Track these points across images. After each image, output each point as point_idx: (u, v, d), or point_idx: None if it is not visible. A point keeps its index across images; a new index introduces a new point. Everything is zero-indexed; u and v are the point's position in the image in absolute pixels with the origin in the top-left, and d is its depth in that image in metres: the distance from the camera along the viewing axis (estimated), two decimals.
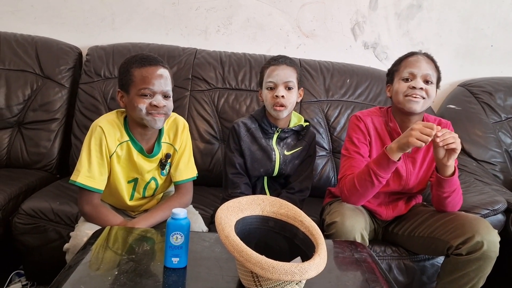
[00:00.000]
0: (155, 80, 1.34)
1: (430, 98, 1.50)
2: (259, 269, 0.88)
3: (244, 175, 1.65)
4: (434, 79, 1.51)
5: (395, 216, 1.62)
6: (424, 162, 1.57)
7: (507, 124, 2.20)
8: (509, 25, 2.39)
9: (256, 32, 2.33)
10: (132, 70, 1.36)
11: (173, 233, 1.02)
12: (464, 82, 2.38)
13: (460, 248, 1.39)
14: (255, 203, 1.09)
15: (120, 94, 1.41)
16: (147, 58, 1.38)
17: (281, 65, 1.60)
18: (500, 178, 2.08)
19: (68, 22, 2.28)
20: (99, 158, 1.37)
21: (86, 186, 1.36)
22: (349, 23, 2.35)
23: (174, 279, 0.99)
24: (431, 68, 1.51)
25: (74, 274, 0.98)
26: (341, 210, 1.46)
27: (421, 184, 1.59)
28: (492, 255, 1.37)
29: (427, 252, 1.59)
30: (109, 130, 1.38)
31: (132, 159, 1.43)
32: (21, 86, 2.05)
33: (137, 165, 1.44)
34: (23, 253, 1.69)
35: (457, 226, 1.43)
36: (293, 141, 1.70)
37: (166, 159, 1.49)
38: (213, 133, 2.08)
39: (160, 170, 1.50)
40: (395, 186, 1.56)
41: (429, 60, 1.53)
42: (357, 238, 1.39)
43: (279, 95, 1.57)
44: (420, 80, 1.49)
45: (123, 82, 1.38)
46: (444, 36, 2.39)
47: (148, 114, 1.35)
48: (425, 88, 1.48)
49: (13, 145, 2.02)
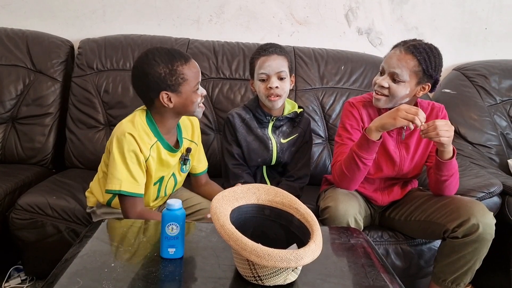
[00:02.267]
0: (199, 72, 1.40)
1: (395, 97, 1.45)
2: (254, 257, 0.88)
3: (245, 165, 1.66)
4: (405, 76, 1.43)
5: (390, 201, 1.63)
6: (418, 148, 1.56)
7: (502, 107, 2.20)
8: (504, 8, 2.38)
9: (249, 21, 2.31)
10: (180, 69, 1.33)
11: (169, 224, 1.02)
12: (459, 66, 2.37)
13: (456, 231, 1.40)
14: (250, 192, 1.09)
15: (166, 96, 1.34)
16: (181, 53, 1.38)
17: (272, 55, 1.58)
18: (496, 161, 2.08)
19: (59, 15, 2.25)
20: (136, 164, 1.35)
21: (132, 193, 1.34)
22: (343, 9, 2.33)
23: (171, 270, 0.99)
24: (402, 65, 1.42)
25: (71, 267, 0.98)
26: (335, 195, 1.47)
27: (416, 170, 1.59)
28: (487, 237, 1.38)
29: (424, 236, 1.60)
30: (140, 135, 1.35)
31: (161, 157, 1.42)
32: (13, 81, 2.03)
33: (164, 162, 1.44)
34: (21, 248, 1.69)
35: (453, 209, 1.43)
36: (289, 129, 1.69)
37: (187, 153, 1.50)
38: (208, 124, 2.07)
39: (180, 166, 1.50)
40: (389, 171, 1.56)
41: (406, 55, 1.42)
42: (350, 222, 1.40)
43: (273, 86, 1.56)
44: (388, 77, 1.45)
45: (172, 83, 1.33)
46: (438, 20, 2.37)
47: (199, 106, 1.41)
48: (390, 85, 1.44)
49: (8, 141, 2.01)
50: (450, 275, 1.45)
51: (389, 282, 1.00)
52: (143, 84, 1.36)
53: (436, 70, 1.46)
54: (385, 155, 1.55)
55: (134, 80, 1.39)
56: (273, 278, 0.94)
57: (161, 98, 1.34)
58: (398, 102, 1.47)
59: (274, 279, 0.94)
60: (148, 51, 1.37)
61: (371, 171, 1.55)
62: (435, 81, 1.49)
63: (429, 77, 1.45)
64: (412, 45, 1.44)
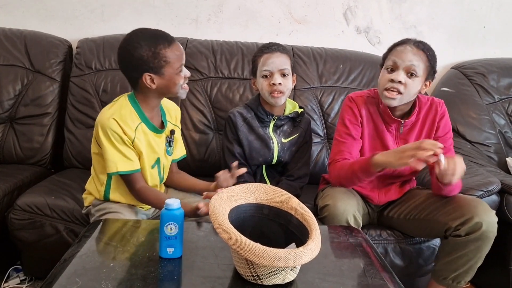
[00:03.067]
0: (183, 54, 1.43)
1: (409, 92, 1.45)
2: (253, 256, 0.88)
3: (245, 164, 1.66)
4: (420, 71, 1.44)
5: (387, 201, 1.63)
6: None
7: (500, 105, 2.20)
8: (502, 6, 2.38)
9: (248, 20, 2.31)
10: (163, 51, 1.36)
11: (167, 224, 1.02)
12: (458, 65, 2.37)
13: (459, 229, 1.39)
14: (249, 191, 1.09)
15: (149, 78, 1.37)
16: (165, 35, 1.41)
17: (275, 53, 1.61)
18: (494, 159, 2.08)
19: (57, 15, 2.25)
20: (123, 145, 1.39)
21: (128, 171, 1.39)
22: (341, 8, 2.33)
23: (169, 269, 0.99)
24: (418, 59, 1.43)
25: (70, 267, 0.98)
26: (333, 193, 1.47)
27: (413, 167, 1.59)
28: (490, 236, 1.38)
29: (423, 234, 1.60)
30: (122, 118, 1.39)
31: (149, 139, 1.46)
32: (11, 81, 2.03)
33: (153, 144, 1.47)
34: (20, 248, 1.69)
35: (455, 207, 1.43)
36: (289, 128, 1.70)
37: (171, 135, 1.55)
38: (207, 123, 2.07)
39: (165, 148, 1.54)
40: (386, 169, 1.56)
41: (418, 51, 1.44)
42: (349, 220, 1.40)
43: (276, 82, 1.58)
44: (402, 72, 1.44)
45: (154, 65, 1.36)
46: (436, 18, 2.37)
47: (182, 88, 1.44)
48: (405, 81, 1.43)
49: (6, 141, 2.01)
50: (451, 273, 1.44)
51: (387, 280, 1.01)
52: (127, 65, 1.41)
53: (435, 66, 1.51)
54: (382, 148, 1.55)
55: (119, 60, 1.43)
56: (272, 277, 0.94)
57: (144, 79, 1.38)
58: (410, 99, 1.50)
59: (273, 278, 0.94)
60: (133, 33, 1.41)
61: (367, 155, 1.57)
62: (433, 78, 1.54)
63: (433, 74, 1.50)
64: (419, 41, 1.48)
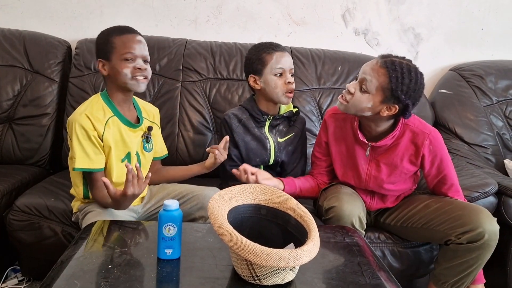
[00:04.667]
0: (136, 45, 1.41)
1: (355, 106, 1.39)
2: (253, 256, 0.89)
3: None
4: (372, 89, 1.35)
5: (379, 208, 1.62)
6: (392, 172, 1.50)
7: (498, 107, 2.21)
8: (500, 8, 2.39)
9: (246, 21, 2.32)
10: (112, 38, 1.40)
11: (166, 225, 1.02)
12: (456, 66, 2.38)
13: (460, 238, 1.38)
14: (247, 192, 1.09)
15: (101, 63, 1.43)
16: (125, 28, 1.45)
17: (286, 52, 1.63)
18: (492, 161, 2.09)
19: (56, 16, 2.25)
20: (88, 141, 1.37)
21: (85, 168, 1.37)
22: (340, 10, 2.33)
23: (168, 270, 1.00)
24: (373, 77, 1.35)
25: (67, 269, 0.97)
26: (339, 195, 1.47)
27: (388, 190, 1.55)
28: (492, 244, 1.37)
29: (420, 240, 1.60)
30: (92, 113, 1.39)
31: (121, 133, 1.45)
32: (10, 81, 2.03)
33: (125, 138, 1.46)
34: (18, 249, 1.69)
35: (456, 217, 1.40)
36: (285, 128, 1.71)
37: (149, 131, 1.53)
38: (205, 124, 2.07)
39: (143, 145, 1.52)
40: (355, 182, 1.57)
41: (379, 69, 1.35)
42: (354, 221, 1.40)
43: (292, 81, 1.60)
44: (356, 82, 1.41)
45: (104, 51, 1.41)
46: (435, 20, 2.38)
47: (132, 79, 1.40)
48: (355, 93, 1.39)
49: (5, 142, 2.01)
50: (451, 278, 1.44)
51: (385, 280, 1.01)
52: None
53: (406, 94, 1.33)
54: (353, 166, 1.55)
55: None
56: (271, 277, 0.94)
57: (98, 65, 1.44)
58: (358, 113, 1.42)
59: (272, 278, 0.94)
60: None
61: (338, 174, 1.59)
62: (405, 106, 1.36)
63: (396, 99, 1.34)
64: (391, 60, 1.35)
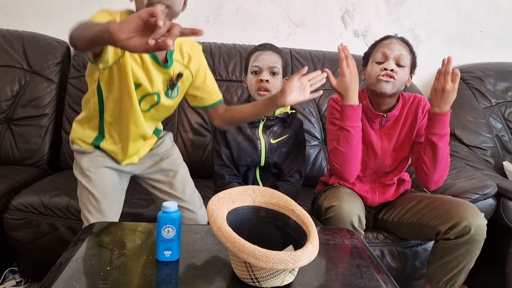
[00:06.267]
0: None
1: (400, 82, 1.50)
2: (252, 259, 0.88)
3: (230, 167, 1.66)
4: (408, 62, 1.52)
5: (381, 202, 1.64)
6: (400, 138, 1.59)
7: (497, 109, 2.21)
8: (499, 10, 2.39)
9: (246, 23, 2.32)
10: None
11: (165, 227, 1.02)
12: (455, 68, 2.37)
13: (448, 233, 1.41)
14: (246, 194, 1.09)
15: None
16: None
17: (267, 51, 1.64)
18: (491, 163, 2.09)
19: (55, 16, 2.24)
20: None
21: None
22: (339, 11, 2.34)
23: (167, 272, 0.99)
24: (404, 50, 1.51)
25: (66, 271, 0.97)
26: (339, 194, 1.48)
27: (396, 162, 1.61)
28: (479, 239, 1.39)
29: (416, 238, 1.61)
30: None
31: (146, 64, 1.30)
32: (9, 82, 2.02)
33: (146, 68, 1.31)
34: (17, 249, 1.68)
35: (444, 212, 1.45)
36: (279, 129, 1.70)
37: (177, 78, 1.37)
38: (204, 125, 2.07)
39: (165, 89, 1.38)
40: (371, 164, 1.59)
41: (403, 43, 1.53)
42: (354, 221, 1.41)
43: (264, 79, 1.59)
44: (393, 62, 1.49)
45: None
46: (434, 22, 2.38)
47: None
48: (396, 70, 1.48)
49: (3, 142, 2.00)
50: (444, 276, 1.46)
51: (383, 282, 1.01)
52: None
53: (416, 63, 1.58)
54: (366, 147, 1.57)
55: None
56: (271, 279, 0.94)
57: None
58: (400, 89, 1.54)
59: (272, 280, 0.94)
60: None
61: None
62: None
63: (415, 68, 1.58)
64: (401, 37, 1.57)
